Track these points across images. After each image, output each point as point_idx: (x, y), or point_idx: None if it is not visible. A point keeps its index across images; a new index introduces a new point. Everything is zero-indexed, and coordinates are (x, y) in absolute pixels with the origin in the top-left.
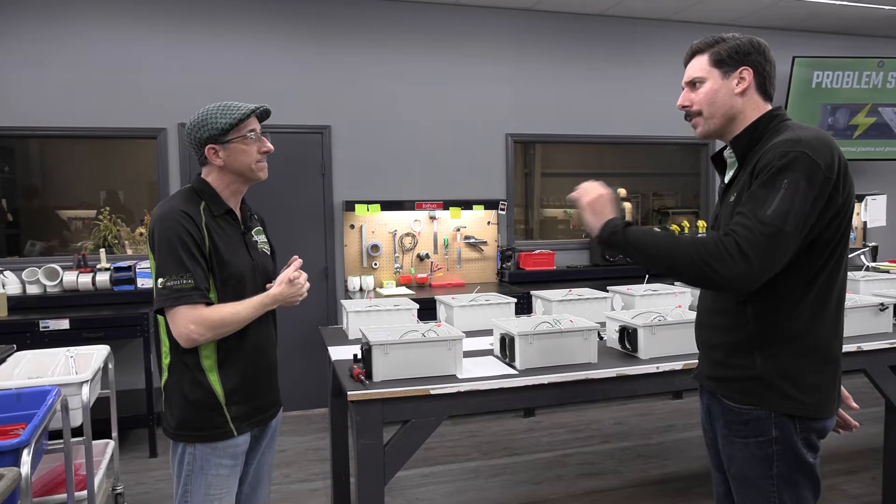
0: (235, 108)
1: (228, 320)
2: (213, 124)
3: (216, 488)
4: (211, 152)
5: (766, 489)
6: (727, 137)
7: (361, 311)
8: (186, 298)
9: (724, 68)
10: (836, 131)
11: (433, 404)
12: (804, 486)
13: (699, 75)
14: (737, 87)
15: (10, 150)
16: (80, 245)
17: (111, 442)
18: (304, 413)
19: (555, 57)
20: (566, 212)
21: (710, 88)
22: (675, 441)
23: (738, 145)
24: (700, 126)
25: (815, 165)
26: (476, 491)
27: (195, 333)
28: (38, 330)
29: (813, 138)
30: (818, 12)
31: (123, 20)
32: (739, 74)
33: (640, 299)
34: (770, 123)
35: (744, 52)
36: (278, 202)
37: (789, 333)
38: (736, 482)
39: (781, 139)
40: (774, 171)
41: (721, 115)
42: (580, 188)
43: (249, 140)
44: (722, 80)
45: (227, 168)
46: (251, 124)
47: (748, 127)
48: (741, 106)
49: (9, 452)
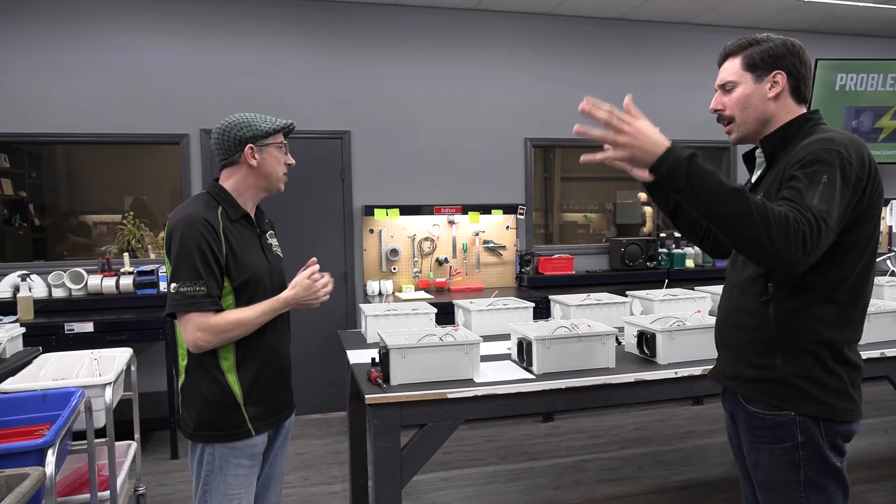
0: (273, 119)
1: (235, 325)
2: (256, 126)
3: (235, 488)
4: (249, 151)
5: (793, 495)
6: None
7: (379, 315)
8: (198, 305)
9: (758, 72)
10: (860, 134)
11: (450, 408)
12: (832, 490)
13: (731, 79)
14: (770, 92)
15: (38, 157)
16: (105, 249)
17: (133, 443)
18: (324, 416)
19: (574, 61)
20: (586, 216)
21: (742, 93)
22: (696, 447)
23: (768, 145)
24: (733, 132)
25: (850, 164)
26: (494, 495)
27: (202, 340)
28: (63, 333)
29: (846, 139)
30: (842, 14)
31: (148, 29)
32: (773, 78)
33: (660, 304)
34: (803, 126)
35: (777, 56)
36: (299, 207)
37: (811, 336)
38: (763, 489)
39: (814, 139)
40: (813, 165)
41: (754, 120)
42: (614, 122)
43: (281, 149)
44: (755, 85)
45: (259, 170)
46: (282, 137)
47: (780, 128)
48: (774, 110)
49: (34, 452)
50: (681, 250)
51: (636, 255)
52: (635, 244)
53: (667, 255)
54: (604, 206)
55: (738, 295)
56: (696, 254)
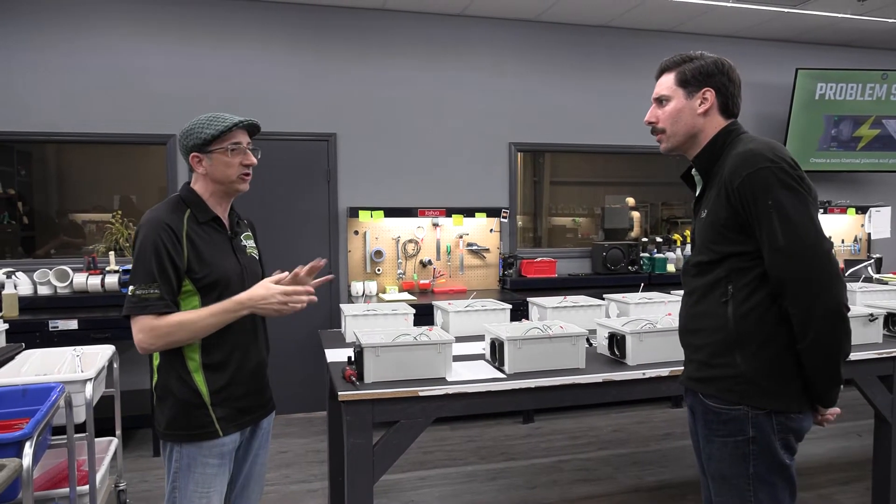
0: (221, 120)
1: (178, 327)
2: (198, 134)
3: (203, 486)
4: (195, 161)
5: (742, 488)
6: (690, 154)
7: (359, 315)
8: (151, 308)
9: (689, 88)
10: (839, 143)
11: (422, 405)
12: (780, 486)
13: (665, 93)
14: (699, 108)
15: (28, 155)
16: (93, 248)
17: (114, 440)
18: (307, 415)
19: (558, 67)
20: (574, 220)
21: (673, 108)
22: (673, 448)
23: (700, 163)
24: (664, 142)
25: (782, 171)
26: (471, 494)
27: (143, 342)
28: (47, 330)
29: (765, 147)
30: (821, 25)
31: (136, 30)
32: (702, 95)
33: (635, 307)
34: (727, 139)
35: (707, 73)
36: (284, 208)
37: (765, 334)
38: (714, 481)
39: (735, 152)
40: (755, 199)
41: (683, 134)
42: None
43: (232, 152)
44: (686, 100)
45: (209, 177)
46: (236, 136)
47: (707, 145)
48: (702, 125)
49: (11, 444)
50: (662, 255)
51: (618, 259)
52: (617, 248)
53: (648, 260)
54: (593, 210)
55: (697, 300)
56: (677, 258)
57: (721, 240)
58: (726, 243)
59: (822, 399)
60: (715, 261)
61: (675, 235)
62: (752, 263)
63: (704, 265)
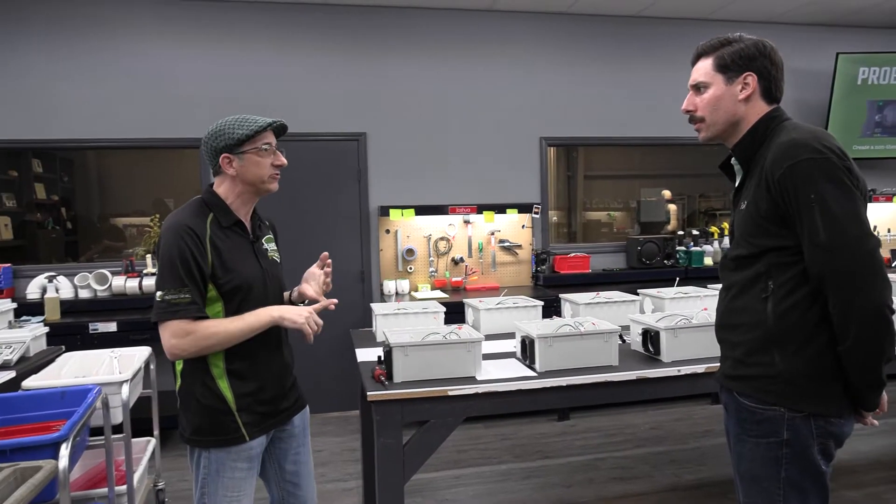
0: (252, 121)
1: (213, 337)
2: (229, 135)
3: (233, 490)
4: (225, 161)
5: (772, 492)
6: (730, 142)
7: (389, 314)
8: (182, 312)
9: (728, 73)
10: (883, 129)
11: (451, 405)
12: (812, 493)
13: (703, 80)
14: (741, 94)
15: (70, 161)
16: (133, 251)
17: (152, 440)
18: (342, 414)
19: (590, 59)
20: (609, 214)
21: (713, 95)
22: (712, 446)
23: (740, 152)
24: (703, 132)
25: (827, 161)
26: (505, 493)
27: (177, 347)
28: (87, 332)
29: (809, 136)
30: (863, 7)
31: (168, 36)
32: (743, 80)
33: (670, 302)
34: (769, 126)
35: (748, 57)
36: (315, 208)
37: (806, 333)
38: (744, 482)
39: (778, 141)
40: (797, 193)
41: (723, 122)
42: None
43: (263, 153)
44: (725, 86)
45: (239, 178)
46: (266, 137)
47: (747, 133)
48: (744, 112)
49: (48, 446)
50: (699, 248)
51: (653, 253)
52: (653, 242)
53: (685, 254)
54: (628, 204)
55: (735, 295)
56: (714, 252)
57: (760, 233)
58: (766, 237)
59: (863, 403)
60: (754, 255)
61: (713, 228)
62: (793, 259)
63: (743, 259)
